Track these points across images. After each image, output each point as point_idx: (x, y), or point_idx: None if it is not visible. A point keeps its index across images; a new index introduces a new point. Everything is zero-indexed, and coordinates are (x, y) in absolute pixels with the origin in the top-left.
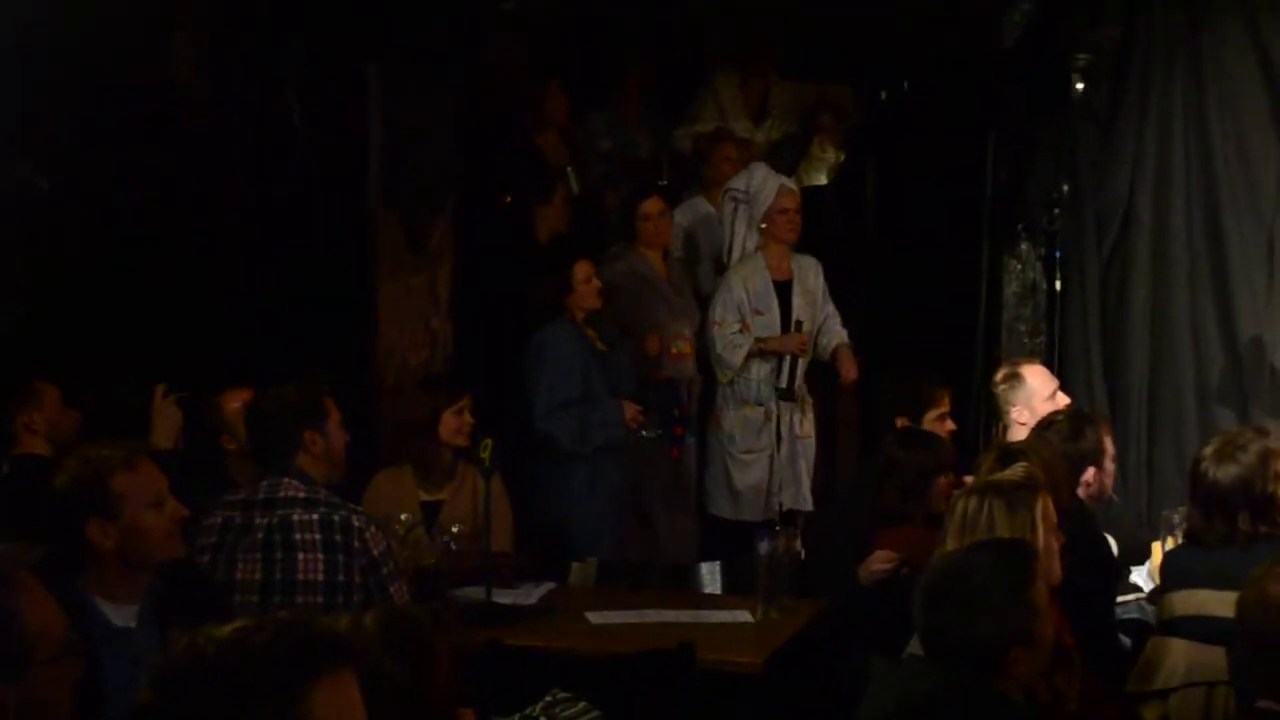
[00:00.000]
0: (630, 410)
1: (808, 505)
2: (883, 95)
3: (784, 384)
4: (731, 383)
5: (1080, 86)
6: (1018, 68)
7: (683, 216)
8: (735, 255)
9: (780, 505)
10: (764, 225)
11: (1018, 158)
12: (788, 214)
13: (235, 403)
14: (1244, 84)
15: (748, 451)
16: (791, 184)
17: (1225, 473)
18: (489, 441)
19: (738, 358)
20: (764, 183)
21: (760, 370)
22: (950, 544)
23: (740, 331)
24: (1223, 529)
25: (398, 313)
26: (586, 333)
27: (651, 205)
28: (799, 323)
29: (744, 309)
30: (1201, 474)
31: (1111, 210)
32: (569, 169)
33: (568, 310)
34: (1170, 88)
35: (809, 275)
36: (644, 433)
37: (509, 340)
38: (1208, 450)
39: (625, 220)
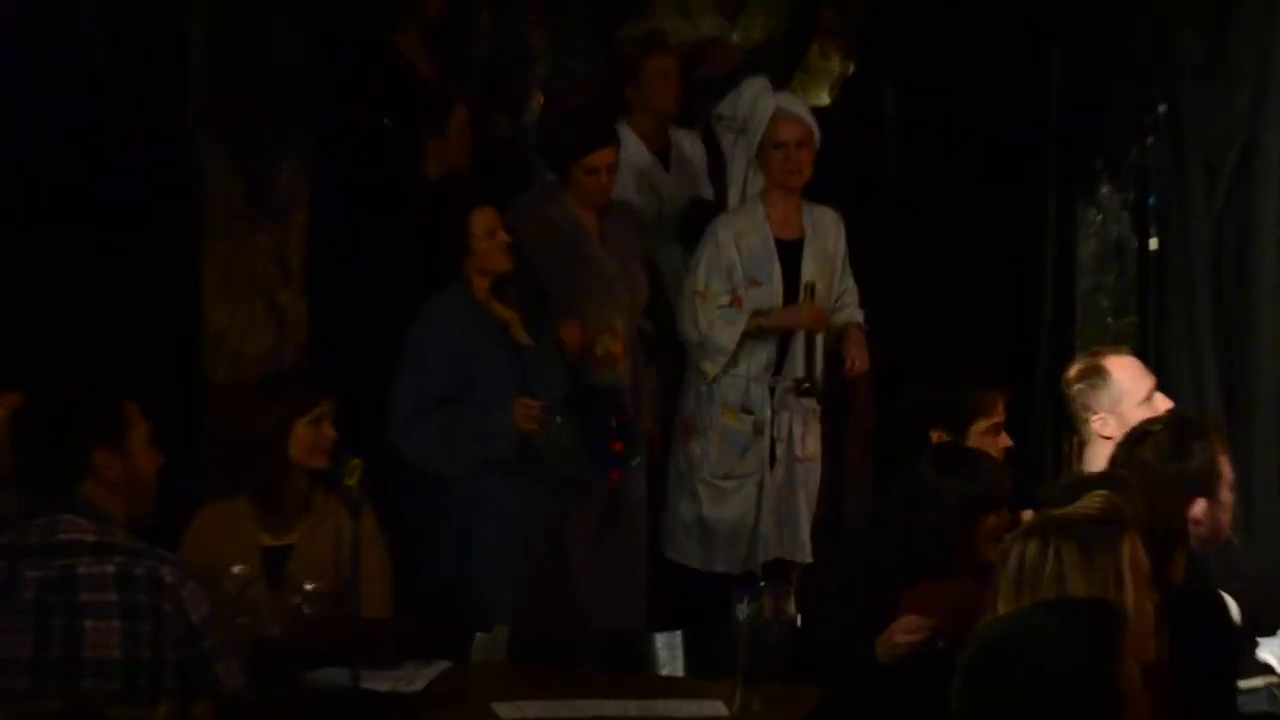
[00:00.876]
0: (524, 409)
1: (806, 554)
2: None
3: (801, 373)
4: (715, 379)
5: None
6: None
7: None
8: (735, 203)
9: (767, 553)
10: (760, 163)
11: (1095, 69)
12: (785, 149)
13: None
14: None
15: (727, 476)
16: (796, 104)
17: None
18: (357, 463)
19: (730, 338)
20: (753, 105)
21: (753, 363)
22: (1003, 605)
23: (730, 305)
24: None
25: (231, 285)
26: (490, 308)
27: (603, 157)
28: (811, 286)
29: (735, 275)
30: None
31: (1226, 142)
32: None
33: (463, 276)
34: None
35: (827, 233)
36: (545, 436)
37: (384, 321)
38: None
39: (551, 160)
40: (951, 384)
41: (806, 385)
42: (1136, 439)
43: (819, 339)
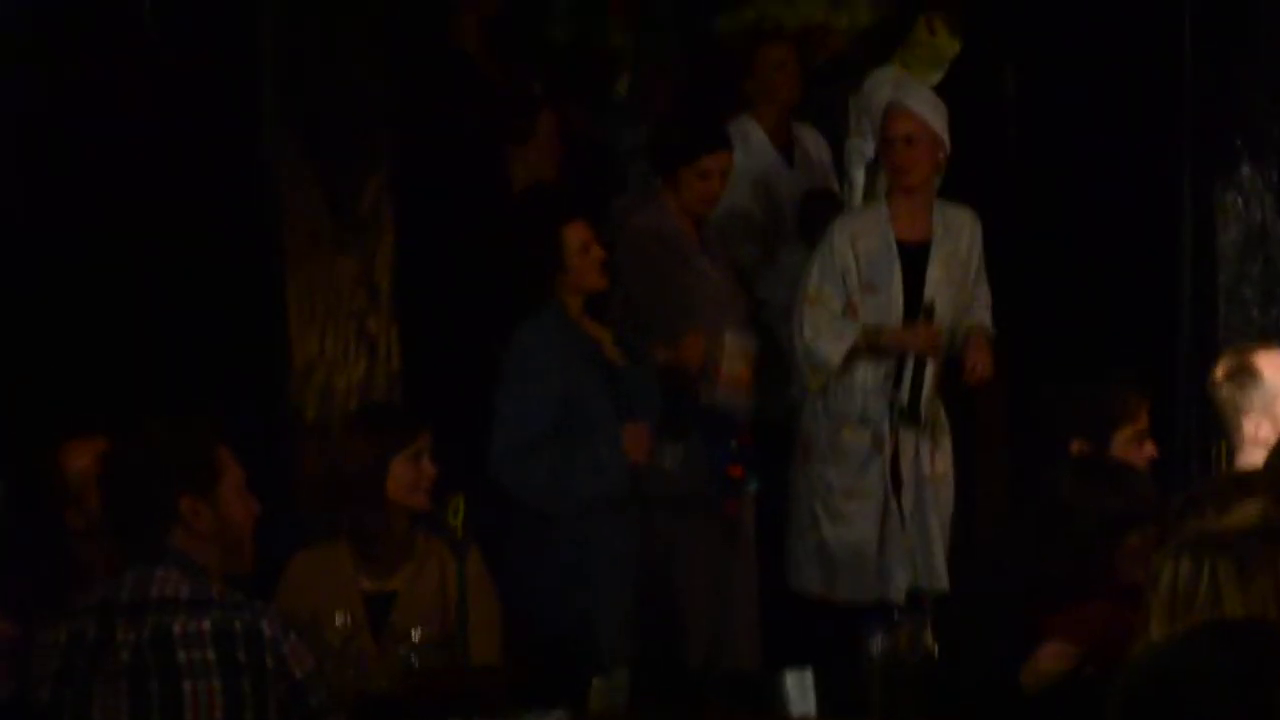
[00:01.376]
0: (634, 436)
1: (943, 582)
2: None
3: (905, 400)
4: (824, 390)
5: None
6: None
7: None
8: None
9: (903, 581)
10: (882, 159)
11: (1230, 38)
12: (893, 145)
13: (82, 458)
14: None
15: (847, 495)
16: (914, 97)
17: None
18: (460, 500)
19: (837, 353)
20: (870, 93)
21: (869, 375)
22: (1156, 628)
23: (844, 315)
24: None
25: (318, 311)
26: (585, 330)
27: (716, 161)
28: (929, 307)
29: (850, 281)
30: None
31: None
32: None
33: (556, 296)
34: None
35: (960, 236)
36: (660, 463)
37: (479, 346)
38: None
39: (659, 161)
40: (1090, 388)
41: (907, 411)
42: None
43: (929, 366)
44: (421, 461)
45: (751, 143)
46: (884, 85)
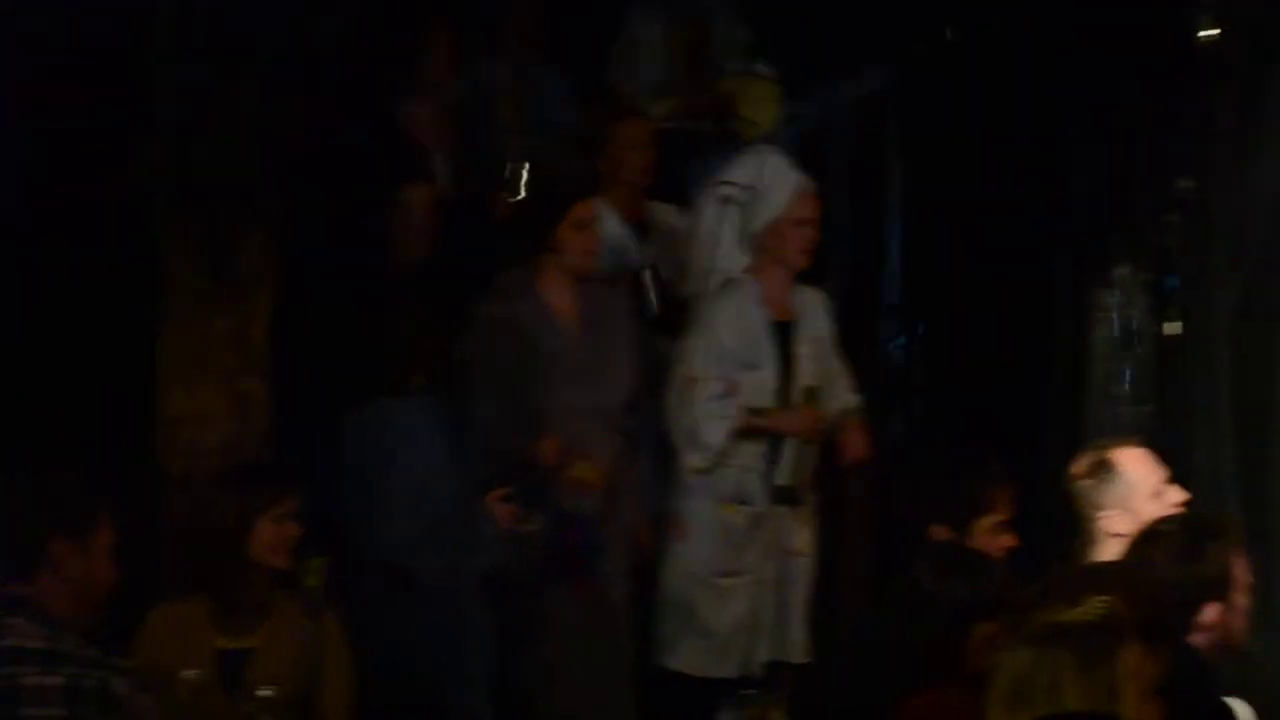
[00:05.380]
0: (498, 506)
1: (800, 654)
2: (917, 48)
3: (785, 480)
4: (704, 472)
5: (1210, 33)
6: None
7: None
8: (715, 280)
9: (761, 655)
10: (765, 239)
11: (1115, 141)
12: (806, 226)
13: None
14: None
15: (727, 574)
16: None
17: None
18: (319, 562)
19: (720, 434)
20: (779, 178)
21: (746, 454)
22: (996, 719)
23: (724, 395)
24: None
25: (191, 368)
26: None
27: (588, 208)
28: (811, 390)
29: (729, 360)
30: None
31: (1254, 219)
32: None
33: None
34: None
35: (816, 314)
36: (524, 529)
37: (345, 411)
38: None
39: (533, 228)
40: (955, 477)
41: (785, 491)
42: (1147, 538)
43: (811, 448)
44: (285, 523)
45: (601, 217)
46: (787, 167)
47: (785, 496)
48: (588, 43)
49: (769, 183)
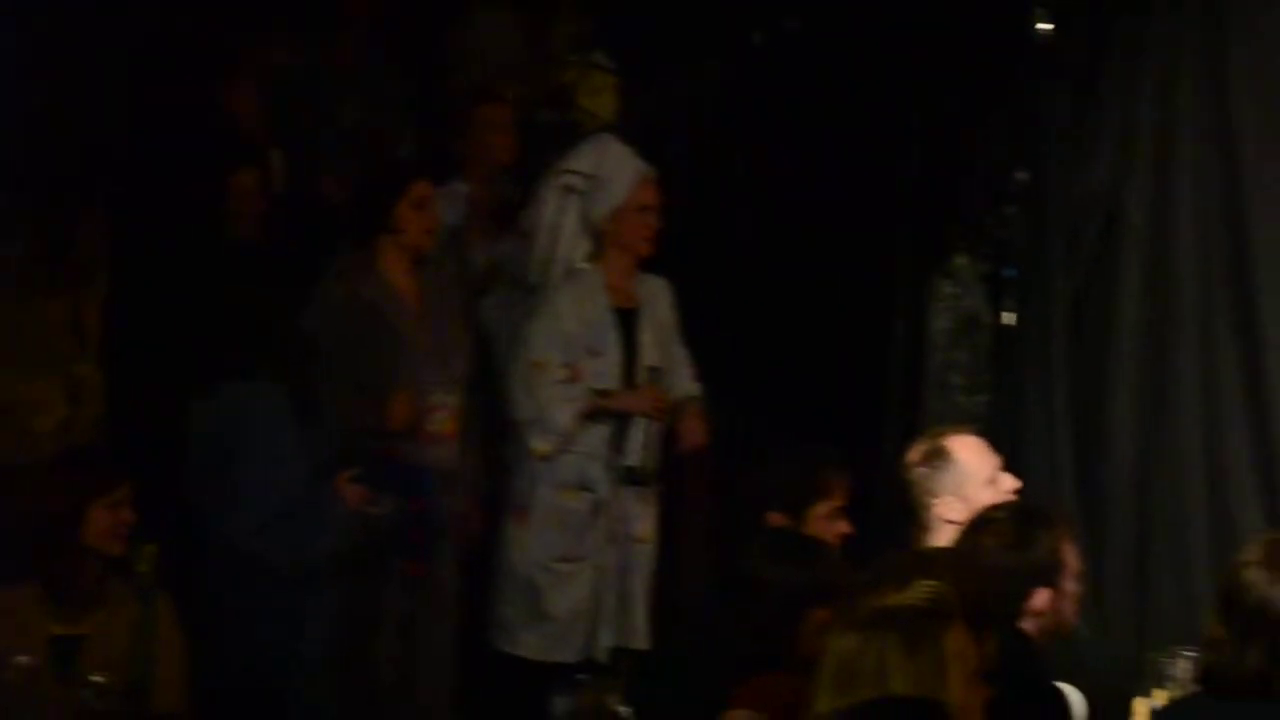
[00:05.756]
0: (347, 487)
1: (642, 641)
2: (755, 38)
3: (634, 461)
4: (548, 456)
5: (1044, 27)
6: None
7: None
8: (557, 269)
9: (603, 640)
10: (607, 227)
11: (952, 132)
12: (648, 214)
13: None
14: None
15: (565, 559)
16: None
17: None
18: (151, 548)
19: (567, 417)
20: (620, 165)
21: (592, 440)
22: (822, 702)
23: (569, 381)
24: (1259, 669)
25: (21, 354)
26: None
27: (425, 187)
28: (653, 370)
29: (573, 347)
30: (1244, 586)
31: (1088, 209)
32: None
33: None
34: (1177, 34)
35: (659, 302)
36: (373, 510)
37: (184, 396)
38: (1253, 555)
39: (364, 213)
40: (791, 464)
41: (635, 471)
42: (978, 525)
43: (655, 427)
44: (120, 509)
45: (458, 204)
46: (629, 155)
47: (634, 478)
48: (427, 28)
49: (610, 170)
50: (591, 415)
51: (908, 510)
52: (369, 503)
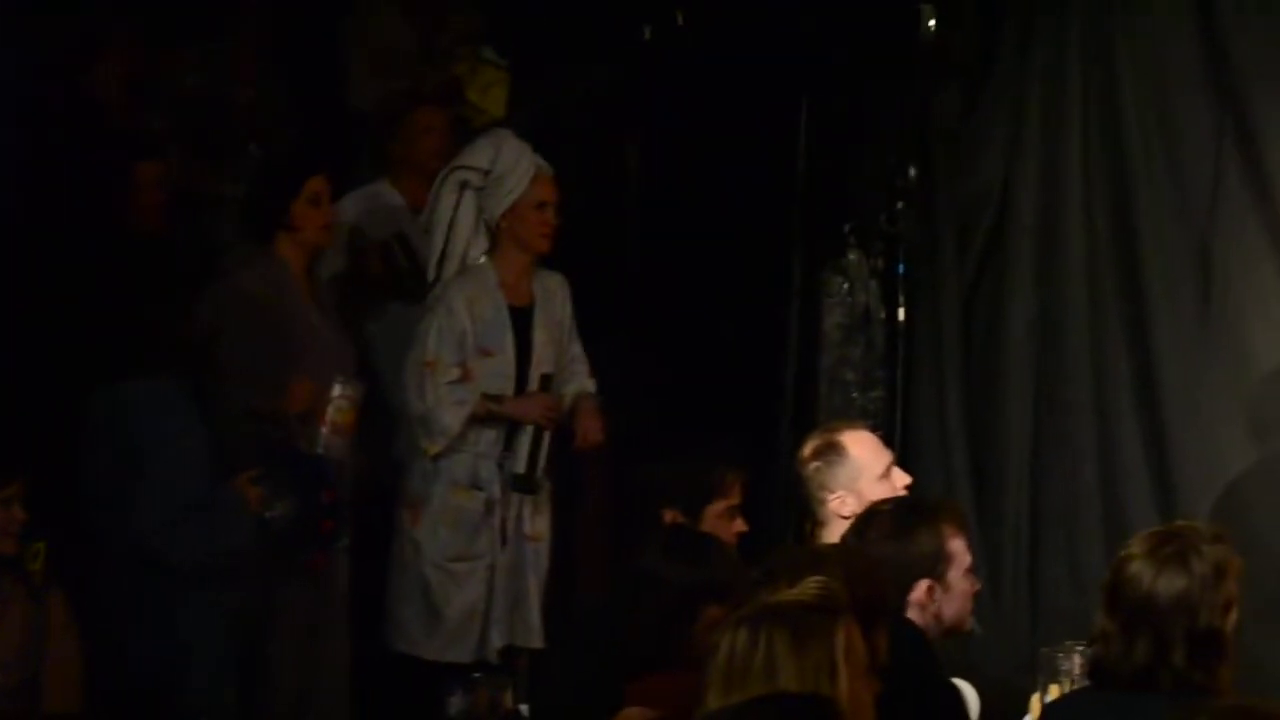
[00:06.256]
0: (247, 488)
1: (537, 641)
2: (647, 33)
3: (522, 468)
4: (439, 456)
5: (933, 25)
6: None
7: (354, 208)
8: (452, 266)
9: (500, 639)
10: (504, 224)
11: (843, 128)
12: (546, 210)
13: None
14: (1169, 29)
15: (459, 559)
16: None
17: (1169, 584)
18: (41, 546)
19: (457, 419)
20: (516, 161)
21: (482, 438)
22: (713, 699)
23: (460, 381)
24: (1145, 662)
25: None
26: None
27: (320, 183)
28: (546, 377)
29: (466, 345)
30: (1129, 579)
31: (979, 207)
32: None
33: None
34: (1065, 33)
35: (556, 299)
36: (269, 513)
37: (74, 393)
38: (1138, 548)
39: (268, 203)
40: (688, 462)
41: (523, 479)
42: (865, 519)
43: (546, 435)
44: (11, 508)
45: (382, 205)
46: (526, 151)
47: (520, 484)
48: (319, 21)
49: (505, 167)
50: (482, 419)
51: (802, 506)
52: (265, 504)
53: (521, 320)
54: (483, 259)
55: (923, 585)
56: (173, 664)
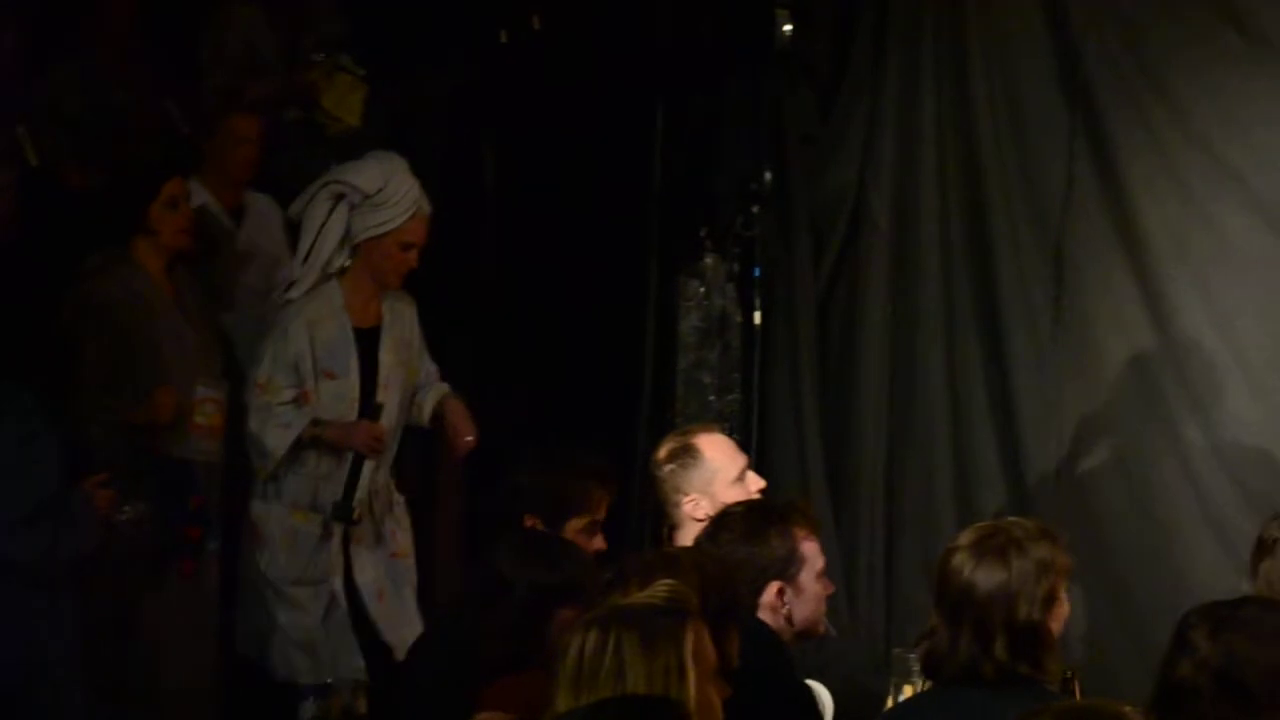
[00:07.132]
0: (97, 491)
1: (399, 653)
2: (503, 36)
3: (340, 497)
4: (272, 477)
5: (788, 30)
6: (698, 1)
7: None
8: (312, 275)
9: (351, 662)
10: (364, 249)
11: (699, 132)
12: (410, 252)
13: None
14: (1021, 33)
15: (298, 582)
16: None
17: (987, 576)
18: None
19: (282, 444)
20: (402, 195)
21: (322, 463)
22: (561, 702)
23: (296, 403)
24: (968, 656)
25: None
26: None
27: (178, 185)
28: (378, 406)
29: (305, 368)
30: (951, 570)
31: (834, 210)
32: (21, 130)
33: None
34: (919, 38)
35: (403, 320)
36: (119, 516)
37: None
38: (966, 539)
39: (117, 213)
40: (553, 473)
41: (340, 508)
42: (718, 522)
43: (367, 465)
44: None
45: (198, 200)
46: (415, 183)
47: (336, 513)
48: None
49: (388, 198)
50: (309, 444)
51: (657, 508)
52: (115, 508)
53: (367, 341)
54: (330, 278)
55: (774, 587)
56: (22, 667)
